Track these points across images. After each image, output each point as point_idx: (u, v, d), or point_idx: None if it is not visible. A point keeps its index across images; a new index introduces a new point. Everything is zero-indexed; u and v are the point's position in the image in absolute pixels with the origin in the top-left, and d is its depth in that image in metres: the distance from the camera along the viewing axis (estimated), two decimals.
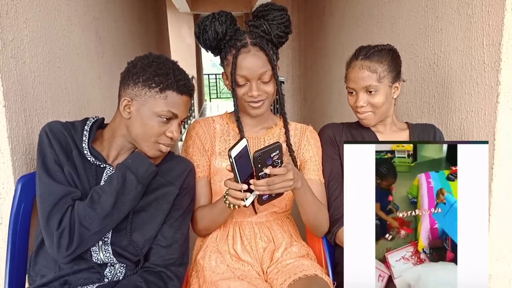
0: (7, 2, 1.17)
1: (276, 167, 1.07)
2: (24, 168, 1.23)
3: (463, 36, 1.42)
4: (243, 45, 1.24)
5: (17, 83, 1.21)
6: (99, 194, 1.08)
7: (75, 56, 1.65)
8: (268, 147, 1.05)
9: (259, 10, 1.29)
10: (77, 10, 1.70)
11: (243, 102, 1.28)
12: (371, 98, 1.32)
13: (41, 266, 1.12)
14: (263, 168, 1.05)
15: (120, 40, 2.45)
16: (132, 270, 1.16)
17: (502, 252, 1.37)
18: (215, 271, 1.24)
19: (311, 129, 1.43)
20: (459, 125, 1.46)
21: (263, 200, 1.11)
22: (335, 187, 1.37)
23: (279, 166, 1.08)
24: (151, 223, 1.16)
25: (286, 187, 1.09)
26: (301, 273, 1.19)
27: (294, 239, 1.37)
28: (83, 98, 1.72)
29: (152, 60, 1.12)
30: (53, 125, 1.13)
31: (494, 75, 1.28)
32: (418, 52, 1.71)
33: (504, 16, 1.23)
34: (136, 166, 1.11)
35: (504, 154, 1.30)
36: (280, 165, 1.08)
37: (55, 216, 1.04)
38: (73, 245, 1.04)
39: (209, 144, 1.35)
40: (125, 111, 1.11)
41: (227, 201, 1.16)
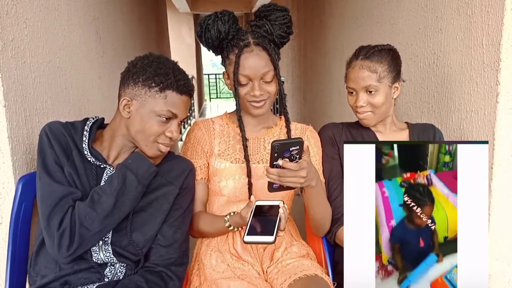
0: (7, 2, 1.17)
1: (293, 162, 1.08)
2: (24, 168, 1.24)
3: (462, 36, 1.42)
4: (245, 45, 1.25)
5: (17, 83, 1.21)
6: (100, 194, 1.08)
7: (75, 56, 1.65)
8: (289, 140, 1.07)
9: (262, 10, 1.30)
10: (77, 10, 1.70)
11: (245, 102, 1.29)
12: (371, 98, 1.32)
13: (41, 266, 1.12)
14: (279, 159, 1.07)
15: (120, 40, 2.45)
16: (132, 269, 1.16)
17: (502, 252, 1.37)
18: (215, 269, 1.25)
19: (311, 129, 1.43)
20: (459, 125, 1.46)
21: (273, 188, 1.12)
22: (335, 187, 1.37)
23: (296, 162, 1.08)
24: (151, 223, 1.16)
25: (297, 183, 1.09)
26: (301, 273, 1.19)
27: (294, 239, 1.37)
28: (83, 98, 1.72)
29: (152, 60, 1.12)
30: (53, 125, 1.13)
31: (493, 75, 1.28)
32: (417, 52, 1.72)
33: (503, 16, 1.23)
34: (136, 166, 1.11)
35: (504, 154, 1.31)
36: (298, 161, 1.09)
37: (56, 217, 1.04)
38: (73, 246, 1.04)
39: (208, 146, 1.36)
40: (125, 111, 1.11)
41: (228, 223, 1.22)
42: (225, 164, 1.33)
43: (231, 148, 1.35)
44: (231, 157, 1.34)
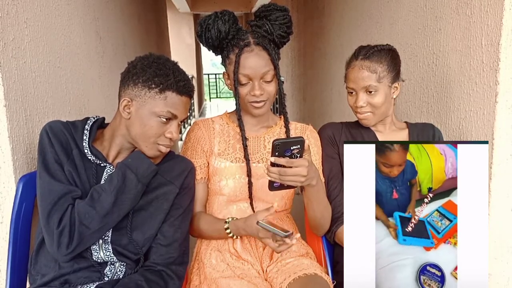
0: (8, 2, 1.17)
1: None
2: (25, 167, 1.24)
3: (462, 36, 1.43)
4: (246, 44, 1.25)
5: (17, 82, 1.21)
6: (99, 192, 1.08)
7: (76, 56, 1.65)
8: (290, 138, 1.07)
9: (262, 11, 1.30)
10: (77, 10, 1.70)
11: (246, 102, 1.29)
12: (371, 98, 1.32)
13: (41, 265, 1.13)
14: (280, 157, 1.07)
15: (120, 40, 2.45)
16: (132, 268, 1.17)
17: (501, 251, 1.37)
18: (215, 268, 1.25)
19: (311, 128, 1.44)
20: (458, 125, 1.46)
21: (274, 187, 1.13)
22: (335, 186, 1.38)
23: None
24: (151, 222, 1.17)
25: (297, 182, 1.10)
26: (300, 272, 1.20)
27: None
28: (84, 97, 1.72)
29: (152, 60, 1.12)
30: (53, 124, 1.13)
31: (492, 74, 1.28)
32: (417, 52, 1.72)
33: (502, 16, 1.23)
34: (136, 165, 1.12)
35: (503, 154, 1.31)
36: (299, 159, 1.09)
37: (55, 215, 1.05)
38: (73, 244, 1.05)
39: (208, 145, 1.36)
40: (125, 111, 1.11)
41: (229, 230, 1.24)
42: (225, 163, 1.33)
43: (231, 148, 1.35)
44: (231, 156, 1.34)
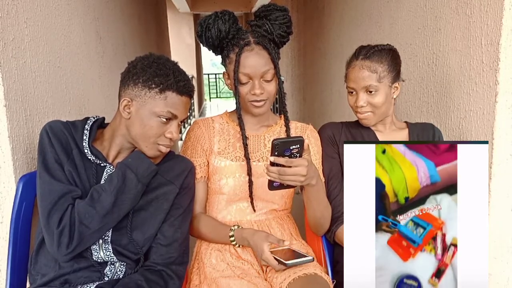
0: (8, 2, 1.18)
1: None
2: (25, 167, 1.24)
3: (461, 36, 1.43)
4: (246, 44, 1.25)
5: (17, 82, 1.21)
6: (99, 192, 1.08)
7: (76, 56, 1.66)
8: (289, 138, 1.08)
9: (262, 10, 1.30)
10: (77, 10, 1.70)
11: (246, 101, 1.29)
12: (371, 98, 1.32)
13: (41, 265, 1.13)
14: (279, 157, 1.07)
15: (120, 40, 2.45)
16: (132, 268, 1.17)
17: (501, 251, 1.37)
18: (215, 268, 1.25)
19: (311, 128, 1.44)
20: (458, 125, 1.46)
21: (273, 186, 1.13)
22: (335, 186, 1.38)
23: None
24: (151, 222, 1.17)
25: (297, 181, 1.10)
26: (300, 271, 1.20)
27: (294, 238, 1.37)
28: (84, 97, 1.72)
29: (152, 60, 1.12)
30: (53, 124, 1.13)
31: (492, 74, 1.28)
32: (417, 52, 1.72)
33: (502, 16, 1.23)
34: (136, 165, 1.12)
35: (503, 153, 1.31)
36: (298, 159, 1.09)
37: (55, 214, 1.05)
38: (73, 244, 1.05)
39: (208, 144, 1.36)
40: (125, 111, 1.11)
41: (233, 238, 1.25)
42: (225, 162, 1.33)
43: (231, 146, 1.36)
44: (231, 155, 1.34)
